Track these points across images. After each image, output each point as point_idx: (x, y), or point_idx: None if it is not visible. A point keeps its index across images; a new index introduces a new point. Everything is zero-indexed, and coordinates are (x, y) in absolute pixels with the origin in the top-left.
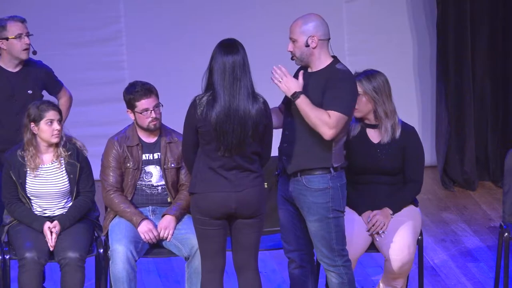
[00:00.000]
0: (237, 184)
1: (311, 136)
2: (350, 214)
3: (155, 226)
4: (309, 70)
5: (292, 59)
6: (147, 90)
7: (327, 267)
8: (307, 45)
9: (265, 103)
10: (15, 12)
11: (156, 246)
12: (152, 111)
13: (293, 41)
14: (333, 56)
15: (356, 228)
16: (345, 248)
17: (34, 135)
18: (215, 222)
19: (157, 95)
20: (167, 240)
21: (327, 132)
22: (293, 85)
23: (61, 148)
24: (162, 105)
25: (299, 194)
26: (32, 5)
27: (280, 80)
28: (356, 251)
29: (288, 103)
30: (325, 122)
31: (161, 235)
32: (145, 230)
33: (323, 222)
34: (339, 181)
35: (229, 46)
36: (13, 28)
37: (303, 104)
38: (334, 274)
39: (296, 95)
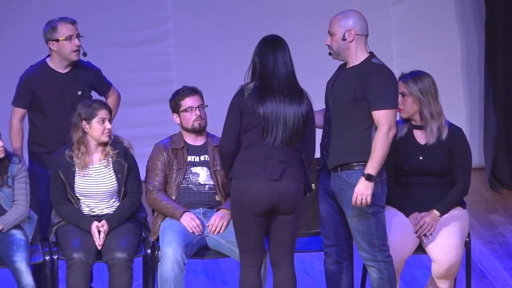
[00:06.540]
0: (275, 174)
1: (350, 131)
2: (397, 216)
3: (204, 226)
4: (347, 66)
5: (329, 54)
6: (192, 89)
7: (367, 262)
8: (344, 39)
9: (307, 96)
10: (64, 13)
11: (208, 249)
12: (197, 109)
13: (331, 34)
14: (370, 52)
15: (403, 230)
16: (386, 243)
17: (84, 133)
18: (257, 219)
19: (201, 97)
20: (221, 231)
21: (391, 134)
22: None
23: (109, 147)
24: (207, 105)
25: (340, 190)
26: (81, 6)
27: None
28: (404, 253)
29: (326, 98)
30: (383, 137)
31: (215, 224)
32: (188, 219)
33: (363, 216)
34: (379, 176)
35: (276, 43)
36: (64, 30)
37: (375, 169)
38: (375, 269)
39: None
